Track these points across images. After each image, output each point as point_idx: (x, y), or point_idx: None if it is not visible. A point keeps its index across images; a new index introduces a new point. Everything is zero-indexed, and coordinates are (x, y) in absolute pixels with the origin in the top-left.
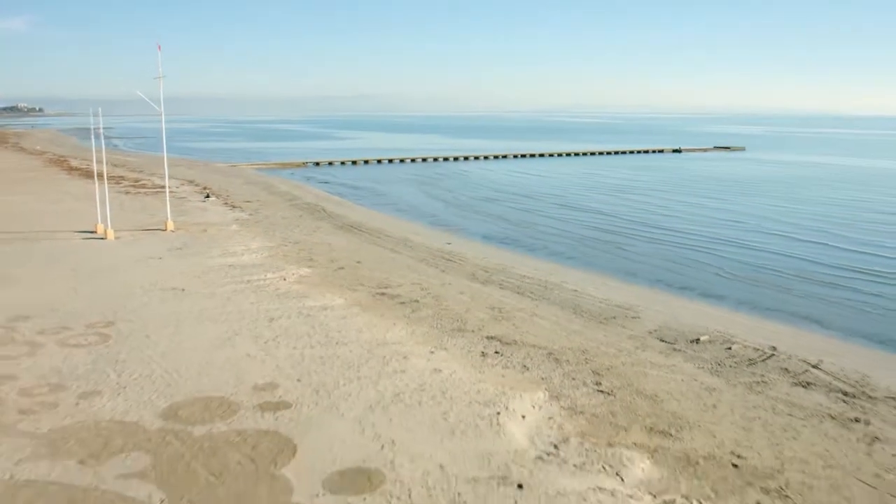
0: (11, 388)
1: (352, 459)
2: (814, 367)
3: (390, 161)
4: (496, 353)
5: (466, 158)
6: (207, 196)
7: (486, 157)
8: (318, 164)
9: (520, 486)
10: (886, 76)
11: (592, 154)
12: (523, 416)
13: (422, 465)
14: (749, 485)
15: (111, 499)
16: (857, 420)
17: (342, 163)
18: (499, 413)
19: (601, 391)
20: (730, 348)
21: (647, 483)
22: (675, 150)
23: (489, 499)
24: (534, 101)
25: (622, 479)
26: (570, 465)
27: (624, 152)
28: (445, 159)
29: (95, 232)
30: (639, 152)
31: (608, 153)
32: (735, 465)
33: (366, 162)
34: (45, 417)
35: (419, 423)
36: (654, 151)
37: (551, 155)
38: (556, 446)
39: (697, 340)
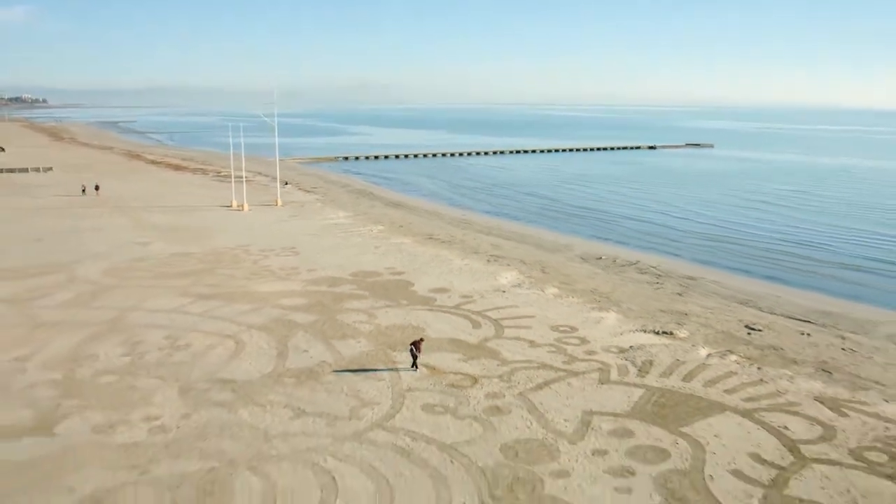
0: (273, 268)
1: (436, 286)
2: (652, 267)
3: (406, 156)
4: (495, 260)
5: (468, 154)
6: (286, 183)
7: (477, 154)
8: (346, 158)
9: (503, 292)
10: (876, 70)
11: (571, 150)
12: (506, 277)
13: (465, 287)
14: (595, 295)
15: (349, 294)
16: (657, 282)
17: (366, 157)
18: (496, 276)
19: (543, 272)
20: (615, 261)
21: (553, 293)
22: (650, 147)
23: (491, 294)
24: (529, 93)
25: (544, 292)
26: (524, 288)
27: (602, 149)
28: (452, 154)
29: (231, 206)
30: (615, 149)
31: (586, 150)
32: (592, 291)
33: (385, 157)
34: (298, 276)
35: (462, 277)
36: (631, 148)
37: (533, 151)
38: (519, 284)
39: (599, 258)
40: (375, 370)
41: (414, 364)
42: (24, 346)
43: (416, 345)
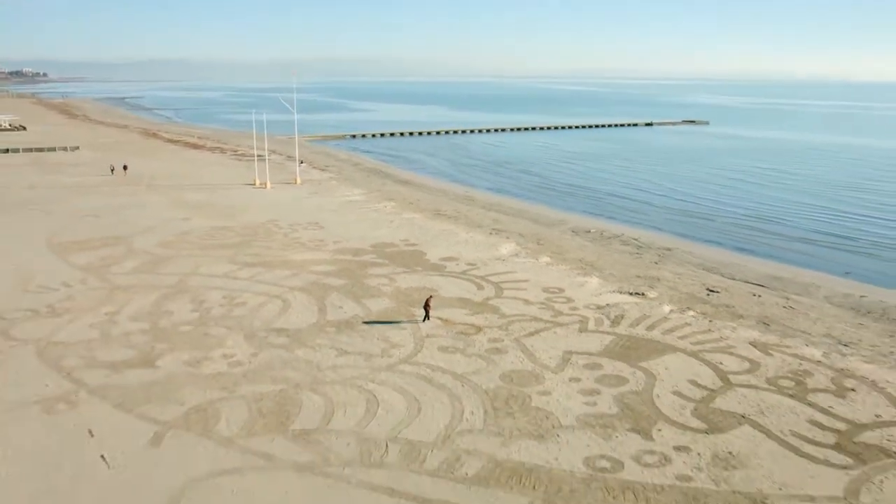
0: (302, 241)
1: (445, 255)
2: (634, 239)
3: (411, 134)
4: (496, 233)
5: (469, 132)
6: (301, 162)
7: (479, 131)
8: (353, 136)
9: (503, 260)
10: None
11: (570, 128)
12: (506, 248)
13: (470, 256)
14: (582, 263)
15: (371, 262)
16: (637, 252)
17: (373, 135)
18: (496, 247)
19: (538, 244)
20: (602, 234)
21: (546, 261)
22: (647, 124)
23: (493, 262)
24: (531, 67)
25: (538, 260)
26: (521, 257)
27: (601, 126)
28: (455, 132)
29: (254, 184)
30: (614, 126)
31: (585, 126)
32: (580, 260)
33: (392, 135)
34: (326, 247)
35: (467, 247)
36: (629, 125)
37: (533, 129)
38: (517, 254)
39: (589, 231)
40: (399, 322)
41: (425, 317)
42: (110, 305)
43: (427, 302)
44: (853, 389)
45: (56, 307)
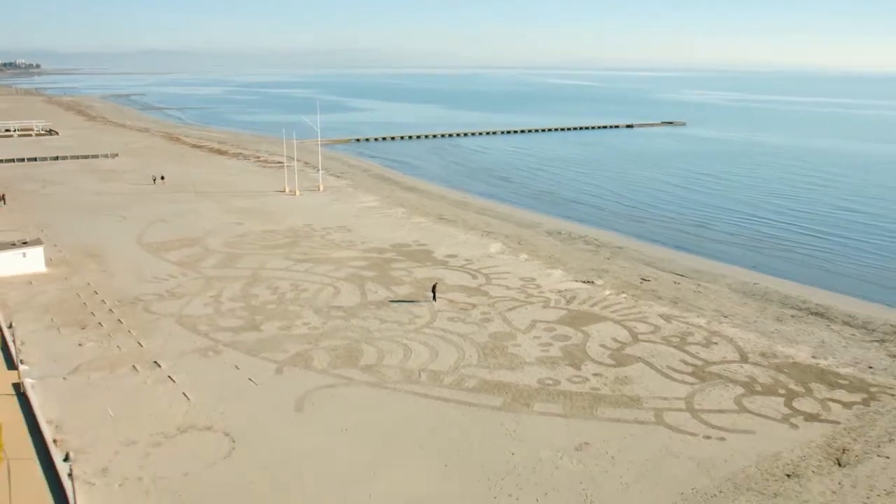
0: (336, 241)
1: (448, 253)
2: (595, 239)
3: (410, 137)
4: (487, 235)
5: (462, 135)
6: (318, 170)
7: (473, 134)
8: (358, 140)
9: (492, 257)
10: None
11: (556, 130)
12: (494, 247)
13: (467, 253)
14: (551, 259)
15: (392, 259)
16: (595, 250)
17: (376, 139)
18: (487, 246)
19: (519, 244)
20: (570, 235)
21: (524, 258)
22: (627, 126)
23: (484, 258)
24: (529, 56)
25: (518, 257)
26: (506, 255)
27: (585, 128)
28: (447, 135)
29: (285, 191)
30: (595, 128)
31: (570, 129)
32: (549, 256)
33: (392, 138)
34: (356, 247)
35: (464, 247)
36: (610, 127)
37: (523, 132)
38: (502, 252)
39: (560, 232)
40: (418, 301)
41: (434, 297)
42: (211, 290)
43: (434, 287)
44: (716, 343)
45: (174, 292)
